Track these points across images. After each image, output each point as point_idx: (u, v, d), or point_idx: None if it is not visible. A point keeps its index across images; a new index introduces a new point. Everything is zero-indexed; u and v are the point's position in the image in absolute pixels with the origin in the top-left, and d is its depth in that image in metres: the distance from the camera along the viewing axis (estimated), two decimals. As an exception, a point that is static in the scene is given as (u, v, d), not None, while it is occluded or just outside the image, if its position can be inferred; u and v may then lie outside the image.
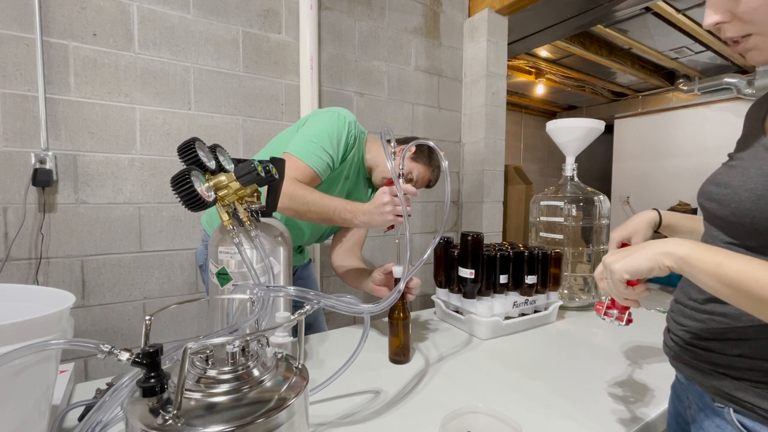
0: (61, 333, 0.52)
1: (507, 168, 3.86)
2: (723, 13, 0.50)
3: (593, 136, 1.46)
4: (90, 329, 1.48)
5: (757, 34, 0.49)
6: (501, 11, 2.32)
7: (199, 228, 1.64)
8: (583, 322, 1.28)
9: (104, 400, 0.47)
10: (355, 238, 1.34)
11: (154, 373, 0.44)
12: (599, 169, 5.81)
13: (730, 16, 0.50)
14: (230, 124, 1.71)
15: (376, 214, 0.93)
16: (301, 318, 0.55)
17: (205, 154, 0.71)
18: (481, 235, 1.11)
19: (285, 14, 1.81)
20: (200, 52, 1.63)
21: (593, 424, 0.70)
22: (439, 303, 1.28)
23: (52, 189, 1.40)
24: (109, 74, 1.47)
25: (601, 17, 2.79)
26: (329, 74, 1.95)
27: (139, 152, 1.53)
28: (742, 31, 0.50)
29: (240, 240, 0.72)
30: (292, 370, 0.53)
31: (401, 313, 0.93)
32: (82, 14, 1.41)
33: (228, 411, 0.43)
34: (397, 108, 2.20)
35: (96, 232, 1.48)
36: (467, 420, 0.61)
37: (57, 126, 1.40)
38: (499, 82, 2.39)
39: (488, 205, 2.41)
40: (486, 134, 2.34)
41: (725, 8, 0.50)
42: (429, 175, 1.25)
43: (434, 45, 2.32)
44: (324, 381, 0.73)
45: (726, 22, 0.51)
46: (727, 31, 0.51)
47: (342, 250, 1.32)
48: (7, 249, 1.34)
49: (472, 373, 0.90)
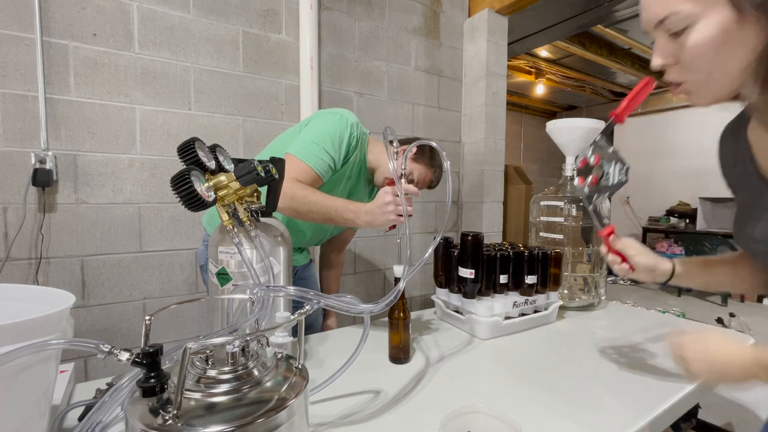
0: (61, 333, 0.52)
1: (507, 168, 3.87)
2: (668, 57, 0.54)
3: (593, 136, 1.46)
4: (90, 329, 1.48)
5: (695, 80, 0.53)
6: (501, 11, 2.32)
7: (199, 228, 1.64)
8: (583, 322, 1.28)
9: (104, 400, 0.47)
10: (343, 236, 1.48)
11: (154, 373, 0.44)
12: (599, 169, 5.80)
13: (674, 61, 0.53)
14: (230, 124, 1.71)
15: (379, 213, 0.93)
16: (301, 318, 0.55)
17: (205, 154, 0.71)
18: (481, 235, 1.11)
19: (285, 14, 1.81)
20: (200, 52, 1.63)
21: (593, 424, 0.70)
22: (439, 303, 1.28)
23: (52, 189, 1.40)
24: (109, 74, 1.47)
25: (601, 17, 2.79)
26: (329, 74, 1.95)
27: (139, 152, 1.53)
28: (683, 77, 0.54)
29: (240, 240, 0.72)
30: (292, 370, 0.53)
31: (401, 313, 0.93)
32: (82, 14, 1.41)
33: (228, 411, 0.43)
34: (397, 108, 2.20)
35: (96, 232, 1.48)
36: (467, 420, 0.61)
37: (57, 126, 1.40)
38: (499, 82, 2.39)
39: (488, 205, 2.41)
40: (486, 134, 2.34)
41: (671, 53, 0.53)
42: (430, 176, 1.25)
43: (434, 45, 2.32)
44: (324, 381, 0.72)
45: (671, 65, 0.54)
46: (671, 74, 0.55)
47: (330, 248, 1.52)
48: (7, 249, 1.34)
49: (472, 373, 0.90)
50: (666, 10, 0.51)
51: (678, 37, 0.51)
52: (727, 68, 0.50)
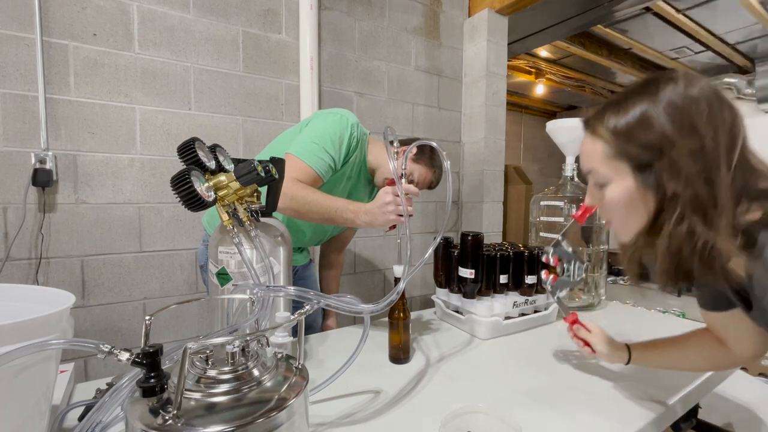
0: (61, 333, 0.52)
1: (507, 168, 3.86)
2: (594, 201, 0.68)
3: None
4: (90, 329, 1.47)
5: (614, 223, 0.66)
6: (501, 11, 2.32)
7: (199, 228, 1.64)
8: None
9: (104, 400, 0.47)
10: (343, 236, 1.48)
11: (154, 373, 0.44)
12: (599, 169, 5.79)
13: (600, 204, 0.66)
14: (230, 124, 1.71)
15: (379, 213, 0.93)
16: (301, 318, 0.55)
17: (205, 154, 0.71)
18: (481, 235, 1.11)
19: (285, 14, 1.81)
20: (200, 52, 1.63)
21: (593, 424, 0.70)
22: (439, 303, 1.28)
23: (52, 189, 1.40)
24: (109, 74, 1.47)
25: (601, 17, 2.79)
26: (329, 74, 1.95)
27: (139, 152, 1.53)
28: (606, 217, 0.67)
29: (240, 240, 0.72)
30: (292, 370, 0.53)
31: (401, 313, 0.93)
32: (82, 14, 1.41)
33: (228, 411, 0.43)
34: (397, 108, 2.20)
35: (96, 232, 1.48)
36: (467, 420, 0.61)
37: (57, 126, 1.40)
38: (499, 82, 2.39)
39: (488, 205, 2.41)
40: (486, 134, 2.34)
41: (596, 198, 0.66)
42: (430, 176, 1.25)
43: (434, 45, 2.32)
44: (324, 381, 0.72)
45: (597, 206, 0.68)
46: (600, 212, 0.68)
47: (330, 248, 1.52)
48: (7, 249, 1.34)
49: (472, 373, 0.90)
50: (589, 166, 0.65)
51: (600, 188, 0.64)
52: (634, 221, 0.62)
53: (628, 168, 0.59)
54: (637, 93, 0.60)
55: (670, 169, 0.56)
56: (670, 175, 0.56)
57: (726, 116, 0.55)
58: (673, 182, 0.56)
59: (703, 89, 0.56)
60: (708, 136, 0.54)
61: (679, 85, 0.57)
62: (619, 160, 0.60)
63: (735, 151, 0.55)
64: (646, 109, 0.57)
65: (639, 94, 0.59)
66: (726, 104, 0.56)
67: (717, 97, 0.56)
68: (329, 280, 1.56)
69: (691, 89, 0.56)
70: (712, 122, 0.55)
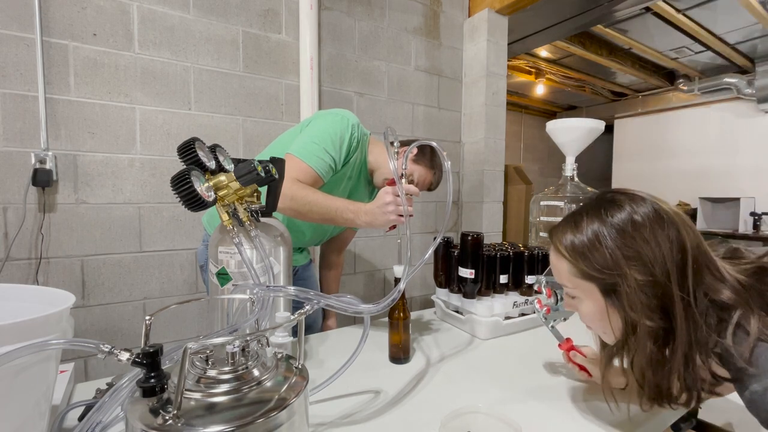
0: (61, 333, 0.52)
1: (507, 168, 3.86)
2: (571, 308, 0.70)
3: (593, 136, 1.46)
4: (90, 329, 1.48)
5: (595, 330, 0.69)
6: (501, 11, 2.32)
7: (199, 228, 1.64)
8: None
9: (104, 400, 0.47)
10: (343, 237, 1.48)
11: (154, 373, 0.44)
12: (599, 169, 5.81)
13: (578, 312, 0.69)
14: (230, 124, 1.71)
15: (379, 213, 0.93)
16: (301, 318, 0.55)
17: (205, 154, 0.70)
18: (481, 235, 1.11)
19: (285, 14, 1.81)
20: (200, 52, 1.63)
21: (594, 424, 0.70)
22: (439, 303, 1.27)
23: (52, 189, 1.40)
24: (109, 74, 1.47)
25: (601, 17, 2.79)
26: (329, 74, 1.95)
27: (139, 152, 1.53)
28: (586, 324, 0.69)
29: (240, 240, 0.72)
30: (292, 370, 0.53)
31: (401, 313, 0.93)
32: (82, 14, 1.41)
33: (228, 411, 0.43)
34: (397, 108, 2.20)
35: (96, 232, 1.48)
36: (467, 420, 0.61)
37: (57, 126, 1.40)
38: (499, 82, 2.39)
39: (488, 205, 2.41)
40: (486, 134, 2.34)
41: (575, 307, 0.69)
42: (430, 177, 1.25)
43: (434, 45, 2.32)
44: (324, 381, 0.72)
45: None
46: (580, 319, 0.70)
47: (331, 248, 1.52)
48: (7, 249, 1.34)
49: (472, 373, 0.90)
50: (560, 281, 0.68)
51: (574, 299, 0.67)
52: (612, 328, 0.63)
53: (596, 288, 0.62)
54: (589, 212, 0.63)
55: (627, 299, 0.59)
56: (628, 304, 0.59)
57: (671, 234, 0.58)
58: (633, 313, 0.58)
59: (646, 214, 0.59)
60: (657, 264, 0.57)
61: (624, 210, 0.60)
62: (585, 280, 0.63)
63: (687, 266, 0.57)
64: (597, 229, 0.60)
65: (591, 214, 0.62)
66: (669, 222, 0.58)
67: (658, 217, 0.59)
68: (329, 280, 1.56)
69: (636, 216, 0.59)
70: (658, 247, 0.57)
